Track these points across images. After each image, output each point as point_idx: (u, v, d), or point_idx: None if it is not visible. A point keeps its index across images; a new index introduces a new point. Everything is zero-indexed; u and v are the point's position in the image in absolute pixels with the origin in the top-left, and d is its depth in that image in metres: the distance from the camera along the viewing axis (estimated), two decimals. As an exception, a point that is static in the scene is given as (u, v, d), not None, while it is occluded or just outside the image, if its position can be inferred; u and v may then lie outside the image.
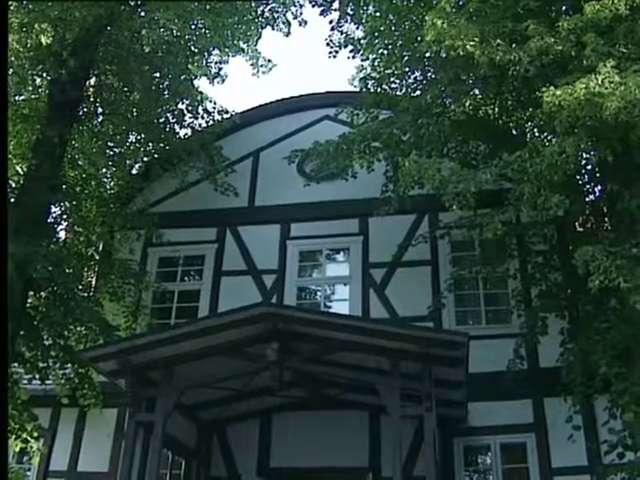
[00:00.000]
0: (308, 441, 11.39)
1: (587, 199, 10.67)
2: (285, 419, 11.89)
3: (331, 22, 13.09)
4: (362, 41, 12.55)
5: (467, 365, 9.14)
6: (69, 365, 11.36)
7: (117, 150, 13.67)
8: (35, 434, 11.02)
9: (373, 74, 12.51)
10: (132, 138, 13.70)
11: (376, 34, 12.04)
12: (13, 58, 10.73)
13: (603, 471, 9.25)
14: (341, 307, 12.91)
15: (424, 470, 8.86)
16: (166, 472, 11.30)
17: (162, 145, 13.78)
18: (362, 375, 9.66)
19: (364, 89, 12.44)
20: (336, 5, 13.15)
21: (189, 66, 13.37)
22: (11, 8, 10.31)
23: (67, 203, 12.64)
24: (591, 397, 10.14)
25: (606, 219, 10.64)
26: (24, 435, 10.83)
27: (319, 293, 13.57)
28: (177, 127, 13.67)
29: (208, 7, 12.29)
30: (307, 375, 10.58)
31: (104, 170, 13.99)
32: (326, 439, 11.31)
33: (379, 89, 12.23)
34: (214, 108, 13.94)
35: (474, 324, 12.40)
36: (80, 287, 12.11)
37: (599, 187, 10.47)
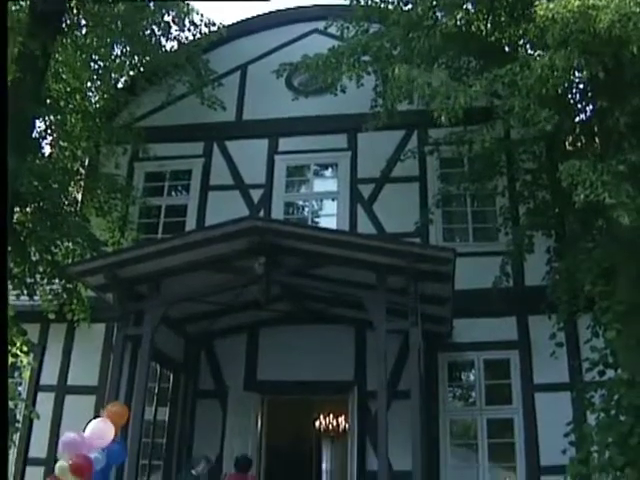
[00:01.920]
0: (295, 355, 11.51)
1: (577, 118, 10.57)
2: (272, 333, 12.01)
3: None
4: (353, -49, 12.19)
5: (453, 281, 9.18)
6: (57, 280, 11.37)
7: (102, 63, 13.30)
8: (24, 349, 11.12)
9: (364, -15, 12.19)
10: (117, 51, 13.32)
11: (367, -58, 11.70)
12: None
13: (584, 388, 9.42)
14: (328, 222, 12.89)
15: (408, 384, 8.98)
16: (154, 385, 11.46)
17: (148, 58, 13.44)
18: (349, 289, 9.67)
19: (354, 1, 12.13)
20: None
21: (175, -24, 12.99)
22: None
23: (52, 117, 12.41)
24: (575, 315, 10.25)
25: (596, 139, 10.57)
26: (14, 350, 10.92)
27: (306, 208, 13.53)
28: (163, 40, 13.29)
29: None
30: (294, 289, 10.65)
31: (89, 84, 13.65)
32: (312, 353, 11.44)
33: (369, 1, 11.93)
34: (201, 20, 13.52)
35: (461, 241, 12.41)
36: (66, 202, 12.00)
37: (590, 107, 10.36)
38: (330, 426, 16.38)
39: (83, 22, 12.64)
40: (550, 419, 10.55)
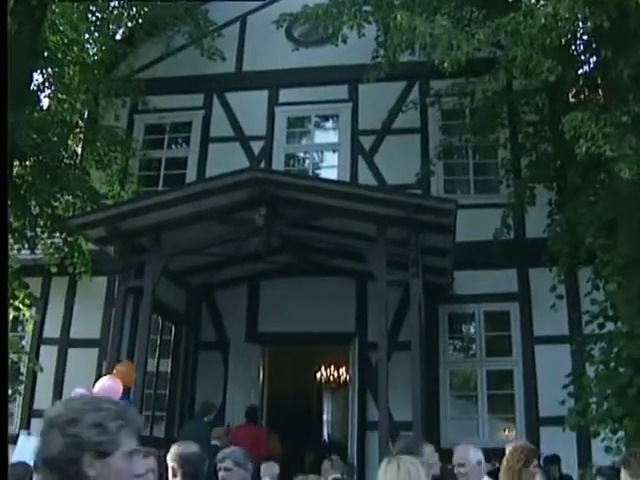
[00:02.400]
0: (296, 307, 11.52)
1: (581, 70, 10.46)
2: (273, 285, 12.05)
3: None
4: None
5: (454, 233, 9.16)
6: (57, 234, 11.37)
7: (99, 14, 13.09)
8: (27, 302, 11.16)
9: None
10: (114, 2, 13.14)
11: None
12: None
13: (583, 340, 9.46)
14: (329, 174, 12.86)
15: (409, 335, 9.01)
16: (156, 337, 11.49)
17: (146, 9, 13.23)
18: (349, 241, 9.68)
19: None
20: None
21: None
22: None
23: (49, 69, 12.27)
24: (575, 267, 10.26)
25: (599, 91, 10.47)
26: (16, 303, 10.96)
27: (307, 160, 13.51)
28: (161, -10, 13.16)
29: None
30: (295, 241, 10.63)
31: (86, 35, 13.46)
32: (313, 305, 11.44)
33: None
34: (200, -30, 13.38)
35: (462, 193, 12.36)
36: (66, 155, 11.94)
37: (593, 59, 10.25)
38: (331, 377, 16.50)
39: (79, -29, 12.39)
40: (549, 371, 10.63)
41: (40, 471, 2.08)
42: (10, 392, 10.82)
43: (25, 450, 7.80)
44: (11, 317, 11.22)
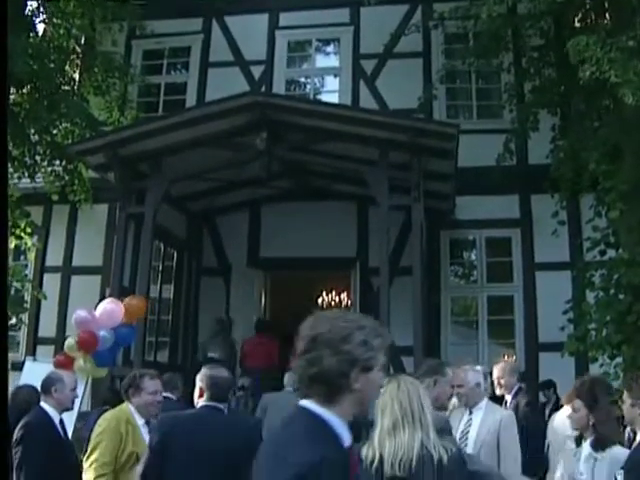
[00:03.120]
0: (297, 232, 11.50)
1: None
2: (274, 210, 12.03)
3: None
4: None
5: (456, 158, 9.11)
6: (57, 162, 11.30)
7: None
8: (28, 230, 11.17)
9: None
10: None
11: None
12: None
13: (584, 267, 9.47)
14: (330, 99, 12.70)
15: (410, 261, 9.05)
16: (158, 264, 11.55)
17: None
18: (351, 165, 9.65)
19: None
20: None
21: None
22: None
23: (43, -6, 12.02)
24: (578, 194, 10.22)
25: (606, 16, 10.26)
26: (18, 232, 10.97)
27: (308, 85, 13.35)
28: None
29: None
30: (296, 165, 10.58)
31: (80, -43, 13.12)
32: (315, 230, 11.44)
33: None
34: None
35: (465, 118, 12.29)
36: (63, 82, 11.78)
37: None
38: (332, 302, 16.57)
39: None
40: (550, 297, 10.65)
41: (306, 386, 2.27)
42: (15, 320, 10.91)
43: (31, 375, 7.91)
44: (13, 246, 11.26)
